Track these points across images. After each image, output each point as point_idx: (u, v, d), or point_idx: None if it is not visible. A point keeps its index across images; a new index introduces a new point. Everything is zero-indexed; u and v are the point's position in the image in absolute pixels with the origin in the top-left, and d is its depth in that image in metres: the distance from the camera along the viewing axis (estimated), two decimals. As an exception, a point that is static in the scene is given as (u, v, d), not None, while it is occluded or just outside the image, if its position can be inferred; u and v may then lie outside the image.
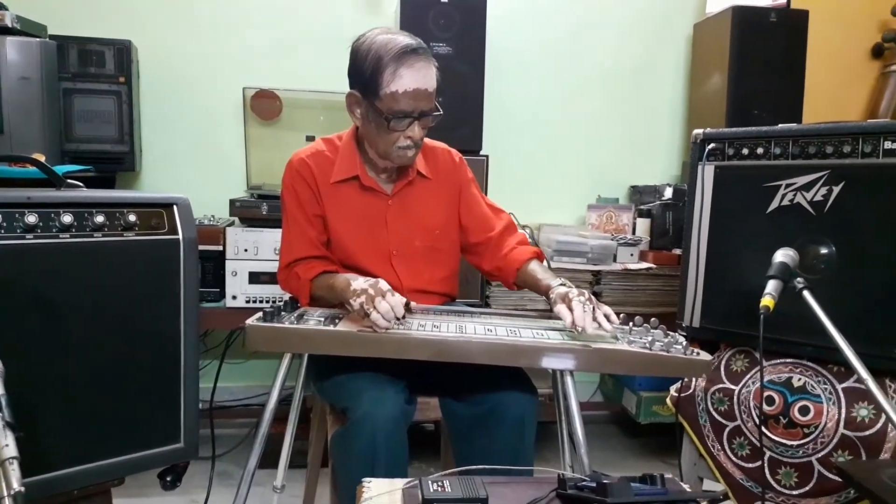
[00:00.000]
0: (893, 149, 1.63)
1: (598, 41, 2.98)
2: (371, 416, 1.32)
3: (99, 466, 1.32)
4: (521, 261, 1.68)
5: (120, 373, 1.33)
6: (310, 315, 1.45)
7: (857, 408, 1.66)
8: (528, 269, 1.66)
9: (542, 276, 1.62)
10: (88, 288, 1.28)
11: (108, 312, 1.31)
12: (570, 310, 1.42)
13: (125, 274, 1.33)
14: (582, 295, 1.46)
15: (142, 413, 1.37)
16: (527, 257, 1.69)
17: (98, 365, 1.30)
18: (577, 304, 1.42)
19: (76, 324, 1.27)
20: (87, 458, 1.30)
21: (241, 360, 2.80)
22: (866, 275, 1.66)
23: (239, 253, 2.31)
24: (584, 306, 1.42)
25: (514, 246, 1.73)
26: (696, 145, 1.97)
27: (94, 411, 1.31)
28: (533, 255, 1.70)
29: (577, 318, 1.40)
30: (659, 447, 2.74)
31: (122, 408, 1.34)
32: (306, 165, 1.62)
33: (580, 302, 1.43)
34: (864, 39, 3.04)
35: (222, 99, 2.74)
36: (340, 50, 1.57)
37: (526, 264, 1.67)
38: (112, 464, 1.34)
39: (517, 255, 1.70)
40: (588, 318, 1.40)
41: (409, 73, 1.45)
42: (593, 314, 1.42)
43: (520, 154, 2.97)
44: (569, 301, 1.44)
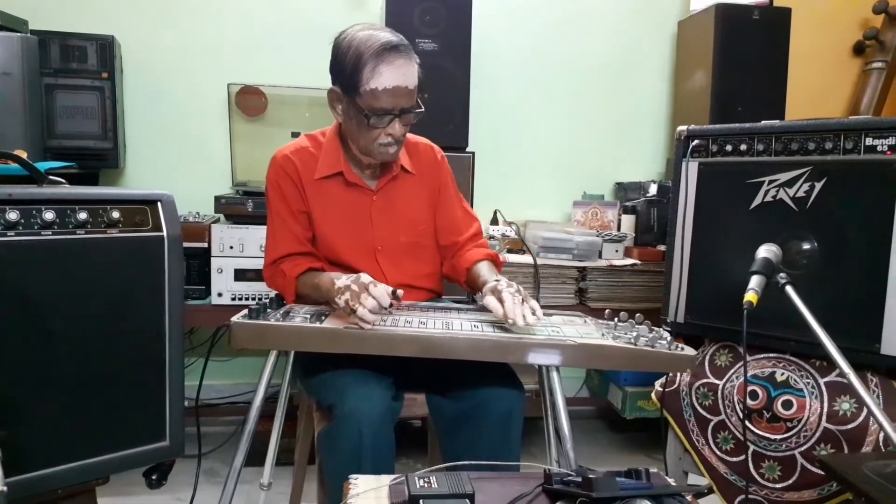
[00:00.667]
0: (874, 145, 1.65)
1: (583, 38, 2.99)
2: (357, 412, 1.32)
3: (83, 465, 1.31)
4: (473, 261, 1.68)
5: (104, 371, 1.32)
6: (296, 312, 1.45)
7: (840, 402, 1.68)
8: (476, 269, 1.65)
9: (483, 273, 1.61)
10: (71, 286, 1.27)
11: (92, 310, 1.29)
12: (501, 301, 1.42)
13: (109, 271, 1.31)
14: (511, 286, 1.46)
15: (126, 411, 1.36)
16: (478, 258, 1.68)
17: (82, 363, 1.29)
18: (508, 296, 1.42)
19: (59, 322, 1.26)
20: (71, 457, 1.29)
21: (227, 357, 2.79)
22: (848, 270, 1.68)
23: (224, 250, 2.30)
24: (514, 298, 1.42)
25: (470, 248, 1.72)
26: (680, 142, 1.98)
27: (77, 410, 1.29)
28: (485, 257, 1.69)
29: (509, 310, 1.39)
30: (644, 442, 2.76)
31: (107, 406, 1.33)
32: (290, 162, 1.61)
33: (510, 294, 1.43)
34: (846, 37, 3.07)
35: (207, 95, 2.72)
36: (326, 46, 1.56)
37: (476, 264, 1.66)
38: (96, 462, 1.33)
39: (470, 255, 1.70)
40: (518, 310, 1.39)
41: (389, 70, 1.44)
42: (521, 307, 1.41)
43: (506, 151, 2.98)
44: (498, 293, 1.44)
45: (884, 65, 2.88)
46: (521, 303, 1.43)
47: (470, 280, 1.67)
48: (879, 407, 1.61)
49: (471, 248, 1.73)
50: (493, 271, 1.64)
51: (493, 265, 1.70)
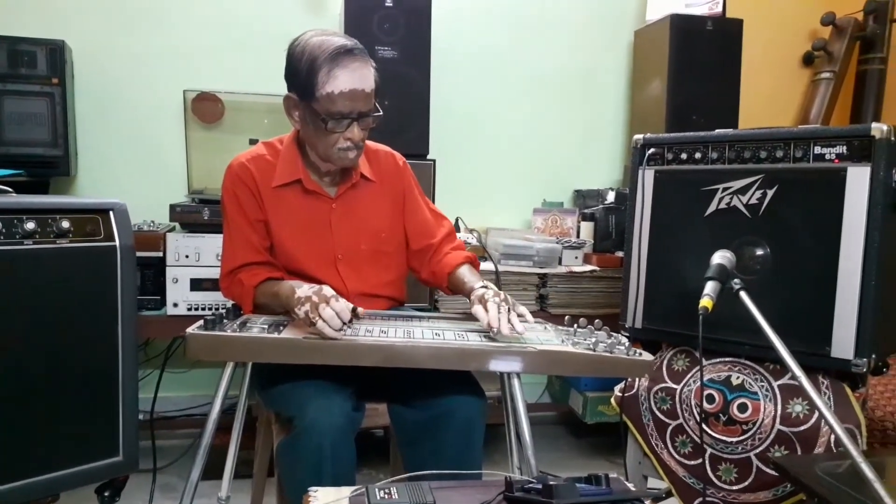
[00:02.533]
0: (822, 154, 1.70)
1: (542, 46, 3.02)
2: (317, 424, 1.31)
3: (32, 483, 1.27)
4: (453, 265, 1.68)
5: (54, 385, 1.28)
6: (253, 322, 1.43)
7: (792, 404, 1.71)
8: (458, 273, 1.66)
9: (468, 279, 1.62)
10: (20, 297, 1.23)
11: (41, 323, 1.26)
12: (486, 311, 1.43)
13: (59, 283, 1.28)
14: (498, 296, 1.47)
15: (78, 426, 1.32)
16: (458, 262, 1.69)
17: (31, 377, 1.25)
18: (493, 306, 1.43)
19: (6, 335, 1.22)
20: (20, 475, 1.25)
21: (183, 369, 2.73)
22: (799, 275, 1.73)
23: (180, 259, 2.25)
24: (500, 307, 1.43)
25: (448, 251, 1.73)
26: (637, 150, 2.01)
27: (26, 426, 1.25)
28: (465, 260, 1.70)
29: (492, 320, 1.40)
30: (605, 446, 2.78)
31: (57, 421, 1.29)
32: (247, 169, 1.59)
33: (495, 303, 1.44)
34: (796, 48, 3.16)
35: (162, 101, 2.67)
36: (284, 52, 1.54)
37: (457, 269, 1.67)
38: (46, 480, 1.29)
39: (450, 259, 1.70)
40: (503, 320, 1.41)
41: (344, 73, 1.44)
42: (508, 315, 1.43)
43: (467, 158, 2.99)
44: (485, 302, 1.45)
45: (831, 75, 2.98)
46: (508, 311, 1.44)
47: (453, 286, 1.67)
48: (830, 409, 1.66)
49: (448, 251, 1.73)
50: (475, 274, 1.65)
51: (473, 267, 1.71)
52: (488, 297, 1.46)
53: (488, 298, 1.46)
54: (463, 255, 1.72)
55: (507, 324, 1.41)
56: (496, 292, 1.49)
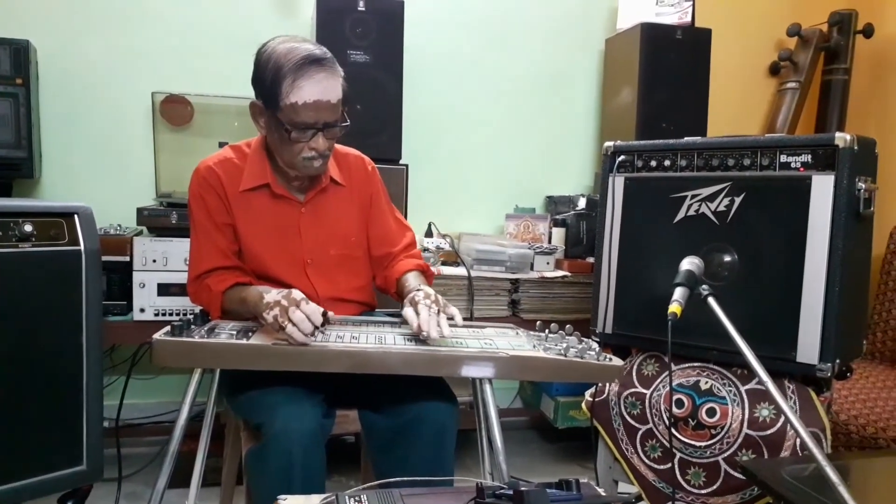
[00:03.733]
0: (788, 162, 1.73)
1: (515, 53, 3.03)
2: (287, 431, 1.29)
3: (-9, 494, 1.24)
4: (402, 271, 1.66)
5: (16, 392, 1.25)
6: (221, 328, 1.41)
7: (759, 408, 1.74)
8: (403, 278, 1.64)
9: (410, 283, 1.59)
10: (-21, 303, 1.20)
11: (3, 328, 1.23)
12: (417, 314, 1.41)
13: (21, 288, 1.25)
14: (428, 298, 1.45)
15: (41, 434, 1.29)
16: (408, 268, 1.67)
17: (-11, 385, 1.22)
18: (423, 308, 1.41)
19: (-36, 342, 1.19)
20: (-22, 486, 1.22)
21: (150, 375, 2.69)
22: (766, 281, 1.75)
23: (147, 264, 2.21)
24: (430, 310, 1.41)
25: (402, 258, 1.71)
26: (607, 157, 2.03)
27: (-16, 435, 1.22)
28: (415, 267, 1.68)
29: (423, 322, 1.38)
30: (576, 451, 2.79)
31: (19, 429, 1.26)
32: (214, 173, 1.57)
33: (426, 305, 1.42)
34: (763, 58, 3.22)
35: (130, 103, 2.63)
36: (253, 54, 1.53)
37: (405, 274, 1.65)
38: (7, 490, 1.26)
39: (400, 266, 1.69)
40: (433, 322, 1.38)
41: (309, 84, 1.42)
42: (437, 318, 1.40)
43: (439, 163, 2.99)
44: (415, 304, 1.43)
45: (797, 85, 3.03)
46: (438, 313, 1.42)
47: (398, 291, 1.66)
48: (796, 413, 1.69)
49: (402, 258, 1.72)
50: (420, 281, 1.62)
51: (423, 275, 1.69)
52: (419, 300, 1.44)
53: (419, 300, 1.43)
54: (414, 263, 1.70)
55: (437, 327, 1.38)
56: (427, 294, 1.47)
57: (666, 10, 2.83)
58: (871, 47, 3.03)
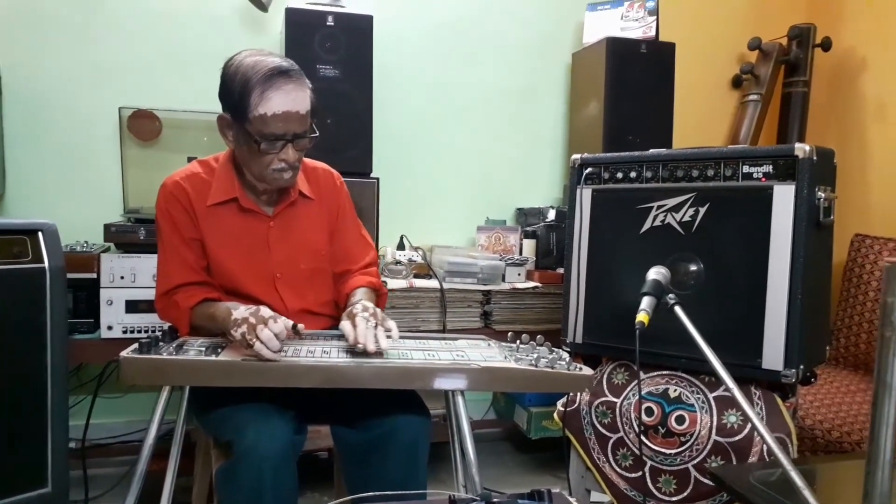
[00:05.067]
0: (750, 172, 1.77)
1: (483, 67, 3.06)
2: (257, 448, 1.28)
3: (-49, 519, 1.21)
4: (353, 287, 1.66)
5: (-24, 415, 1.22)
6: (190, 345, 1.39)
7: (727, 415, 1.77)
8: (351, 294, 1.63)
9: (355, 298, 1.59)
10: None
11: (-38, 349, 1.21)
12: (354, 326, 1.41)
13: (-18, 307, 1.23)
14: (366, 311, 1.45)
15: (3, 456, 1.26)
16: (358, 284, 1.67)
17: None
18: (361, 321, 1.41)
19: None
20: (-62, 511, 1.19)
21: (118, 394, 2.64)
22: (731, 289, 1.79)
23: (115, 280, 2.18)
24: (367, 322, 1.41)
25: (356, 275, 1.71)
26: (575, 169, 2.06)
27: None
28: (366, 284, 1.68)
29: (360, 336, 1.38)
30: (549, 461, 2.80)
31: (-20, 453, 1.23)
32: (181, 188, 1.56)
33: (364, 318, 1.42)
34: (725, 71, 3.29)
35: (96, 118, 2.59)
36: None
37: (354, 290, 1.64)
38: (-33, 515, 1.23)
39: (353, 282, 1.68)
40: (370, 335, 1.38)
41: (277, 95, 1.42)
42: (375, 331, 1.40)
43: (410, 176, 3.00)
44: (353, 317, 1.43)
45: (759, 97, 3.10)
46: (375, 326, 1.42)
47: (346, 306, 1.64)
48: (762, 419, 1.72)
49: (357, 275, 1.71)
50: (368, 297, 1.61)
51: (372, 293, 1.68)
52: (356, 312, 1.44)
53: (356, 313, 1.44)
54: (366, 280, 1.70)
55: (374, 340, 1.38)
56: (365, 307, 1.47)
57: (630, 24, 2.89)
58: (829, 60, 3.12)
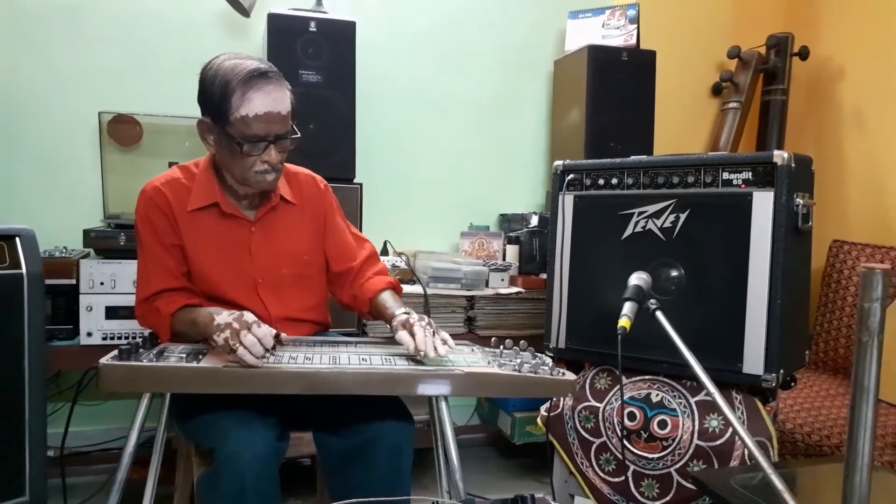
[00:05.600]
0: (730, 179, 1.79)
1: (466, 73, 3.07)
2: (239, 455, 1.27)
3: (-75, 530, 1.19)
4: (375, 291, 1.67)
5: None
6: (171, 351, 1.38)
7: (709, 419, 1.78)
8: (380, 299, 1.65)
9: (390, 304, 1.62)
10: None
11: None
12: (413, 335, 1.43)
13: (-42, 314, 1.21)
14: (422, 320, 1.48)
15: (-22, 467, 1.25)
16: (381, 287, 1.68)
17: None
18: (419, 329, 1.44)
19: None
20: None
21: (97, 401, 2.61)
22: (711, 294, 1.80)
23: (94, 286, 2.16)
24: (426, 331, 1.44)
25: (371, 276, 1.72)
26: (557, 176, 2.07)
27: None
28: (387, 286, 1.69)
29: (419, 343, 1.41)
30: (533, 466, 2.81)
31: (-46, 462, 1.21)
32: (161, 193, 1.55)
33: (421, 327, 1.45)
34: (705, 79, 3.33)
35: (76, 123, 2.57)
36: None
37: (379, 294, 1.66)
38: (-58, 526, 1.21)
39: (372, 284, 1.69)
40: (430, 343, 1.41)
41: (258, 96, 1.42)
42: (434, 339, 1.44)
43: (394, 182, 3.00)
44: (410, 327, 1.46)
45: (738, 105, 3.14)
46: (433, 335, 1.44)
47: (375, 311, 1.66)
48: (743, 423, 1.74)
49: (371, 276, 1.72)
50: (397, 301, 1.64)
51: (396, 293, 1.70)
52: (413, 321, 1.47)
53: (413, 322, 1.46)
54: (385, 281, 1.71)
55: (433, 348, 1.41)
56: (420, 317, 1.50)
57: (612, 32, 2.91)
58: (806, 69, 3.16)
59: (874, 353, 0.93)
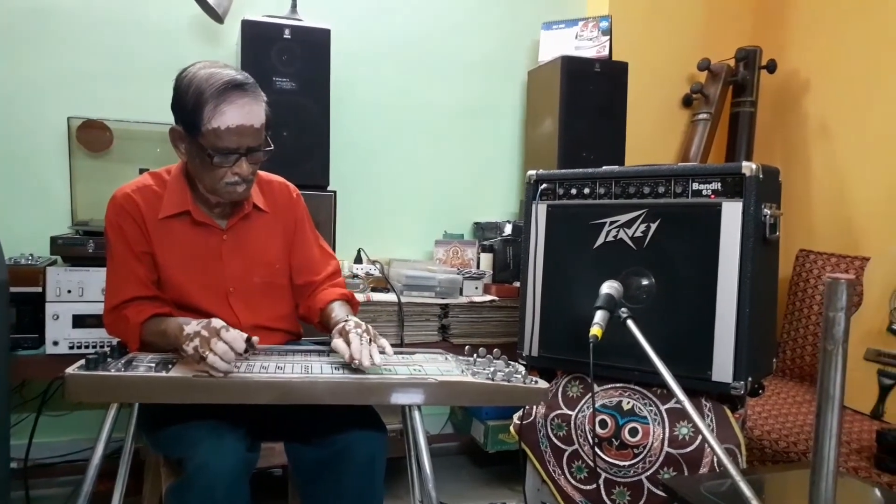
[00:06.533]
0: (700, 189, 1.82)
1: (441, 82, 3.09)
2: (208, 466, 1.25)
3: None
4: (327, 301, 1.65)
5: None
6: (139, 361, 1.36)
7: (679, 427, 1.80)
8: (328, 308, 1.63)
9: (335, 314, 1.58)
10: None
11: None
12: (348, 343, 1.41)
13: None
14: (359, 327, 1.45)
15: (-62, 480, 1.21)
16: (332, 298, 1.66)
17: None
18: (355, 337, 1.41)
19: None
20: None
21: (64, 412, 2.56)
22: (681, 303, 1.83)
23: (61, 294, 2.12)
24: (361, 339, 1.41)
25: (325, 287, 1.70)
26: (530, 185, 2.09)
27: None
28: (339, 297, 1.67)
29: (354, 352, 1.38)
30: (506, 475, 2.81)
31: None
32: (132, 200, 1.53)
33: (357, 335, 1.42)
34: (676, 90, 3.38)
35: (44, 128, 2.52)
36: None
37: (329, 304, 1.64)
38: None
39: (324, 295, 1.68)
40: (365, 351, 1.38)
41: (231, 109, 1.41)
42: (369, 347, 1.40)
43: (368, 190, 2.99)
44: (346, 334, 1.43)
45: (708, 116, 3.19)
46: (369, 343, 1.41)
47: (323, 321, 1.64)
48: (712, 430, 1.76)
49: (326, 287, 1.71)
50: (346, 311, 1.61)
51: (348, 305, 1.68)
52: (349, 329, 1.44)
53: (349, 330, 1.43)
54: (338, 292, 1.69)
55: (368, 356, 1.38)
56: (357, 323, 1.47)
57: (585, 43, 2.95)
58: (774, 81, 3.23)
59: (839, 361, 0.95)
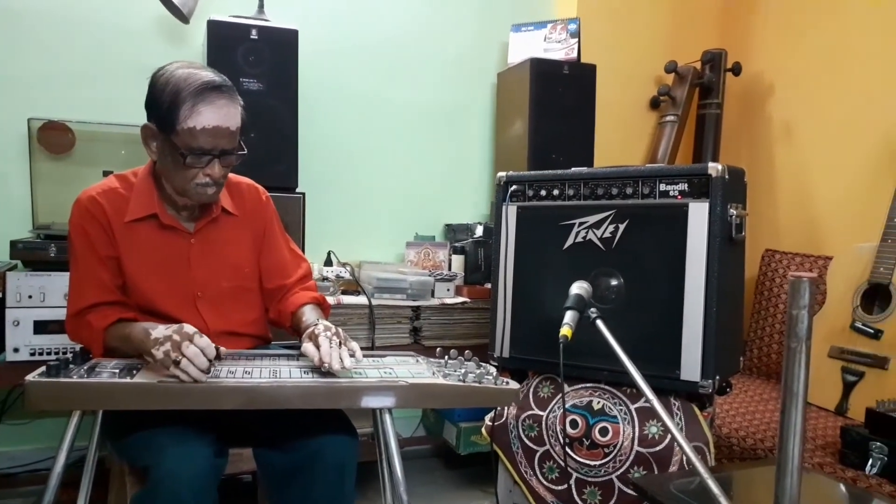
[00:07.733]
0: (667, 191, 1.84)
1: (411, 83, 3.08)
2: (175, 474, 1.23)
3: None
4: (298, 305, 1.64)
5: None
6: (103, 367, 1.33)
7: (648, 426, 1.82)
8: (299, 312, 1.62)
9: (306, 317, 1.57)
10: None
11: None
12: (318, 346, 1.40)
13: None
14: (329, 330, 1.44)
15: None
16: (303, 301, 1.65)
17: None
18: (324, 341, 1.40)
19: None
20: None
21: (24, 420, 2.50)
22: (650, 303, 1.85)
23: (22, 300, 2.07)
24: (331, 342, 1.40)
25: (296, 291, 1.69)
26: (500, 187, 2.09)
27: None
28: (310, 300, 1.66)
29: (324, 355, 1.37)
30: (478, 477, 2.81)
31: None
32: (97, 203, 1.50)
33: (327, 338, 1.41)
34: (643, 92, 3.41)
35: (3, 130, 2.46)
36: (142, 81, 1.48)
37: (300, 307, 1.63)
38: None
39: (295, 299, 1.66)
40: (335, 355, 1.37)
41: (208, 109, 1.39)
42: (339, 350, 1.40)
43: (338, 192, 2.97)
44: (315, 338, 1.42)
45: (675, 118, 3.23)
46: (339, 346, 1.41)
47: (294, 325, 1.63)
48: (681, 429, 1.78)
49: (297, 291, 1.69)
50: (317, 314, 1.60)
51: (319, 308, 1.67)
52: (319, 332, 1.43)
53: (319, 333, 1.42)
54: (309, 295, 1.68)
55: (339, 360, 1.37)
56: (327, 327, 1.46)
57: (553, 46, 2.97)
58: (739, 84, 3.28)
59: (802, 358, 0.97)
